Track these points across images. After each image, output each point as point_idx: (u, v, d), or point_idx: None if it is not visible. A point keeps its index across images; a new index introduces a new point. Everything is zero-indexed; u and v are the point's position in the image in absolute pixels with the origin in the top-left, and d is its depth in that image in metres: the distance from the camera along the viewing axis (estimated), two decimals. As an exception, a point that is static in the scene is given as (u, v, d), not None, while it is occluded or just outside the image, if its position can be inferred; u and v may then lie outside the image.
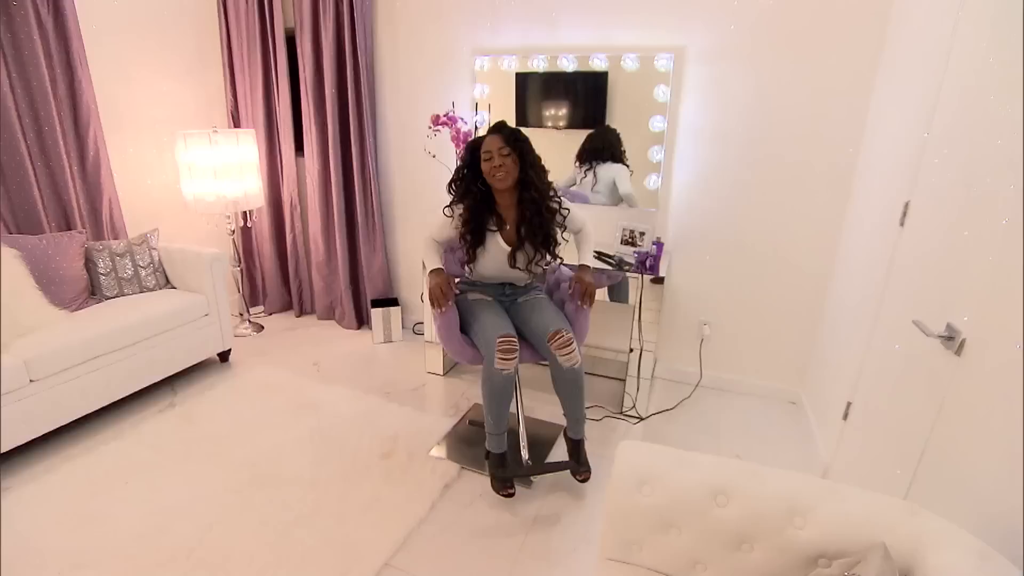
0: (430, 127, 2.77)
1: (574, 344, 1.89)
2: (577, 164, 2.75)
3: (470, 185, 1.92)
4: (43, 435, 2.14)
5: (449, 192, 1.99)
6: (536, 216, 1.89)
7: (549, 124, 2.79)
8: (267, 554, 1.69)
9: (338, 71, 3.10)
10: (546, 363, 1.98)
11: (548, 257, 1.98)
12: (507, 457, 2.01)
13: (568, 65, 2.65)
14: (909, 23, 1.99)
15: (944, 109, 1.56)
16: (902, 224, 1.75)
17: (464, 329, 2.00)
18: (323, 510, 1.87)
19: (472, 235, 1.93)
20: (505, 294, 2.11)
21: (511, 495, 1.93)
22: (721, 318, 2.78)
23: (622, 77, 2.59)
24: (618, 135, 2.67)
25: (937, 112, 1.60)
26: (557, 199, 1.95)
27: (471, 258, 1.98)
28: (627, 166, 2.69)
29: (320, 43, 3.09)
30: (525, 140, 1.88)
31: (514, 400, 2.10)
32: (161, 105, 3.12)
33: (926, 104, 1.68)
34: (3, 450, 2.00)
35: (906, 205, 1.73)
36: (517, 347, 1.87)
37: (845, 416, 2.00)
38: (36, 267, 2.40)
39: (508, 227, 1.95)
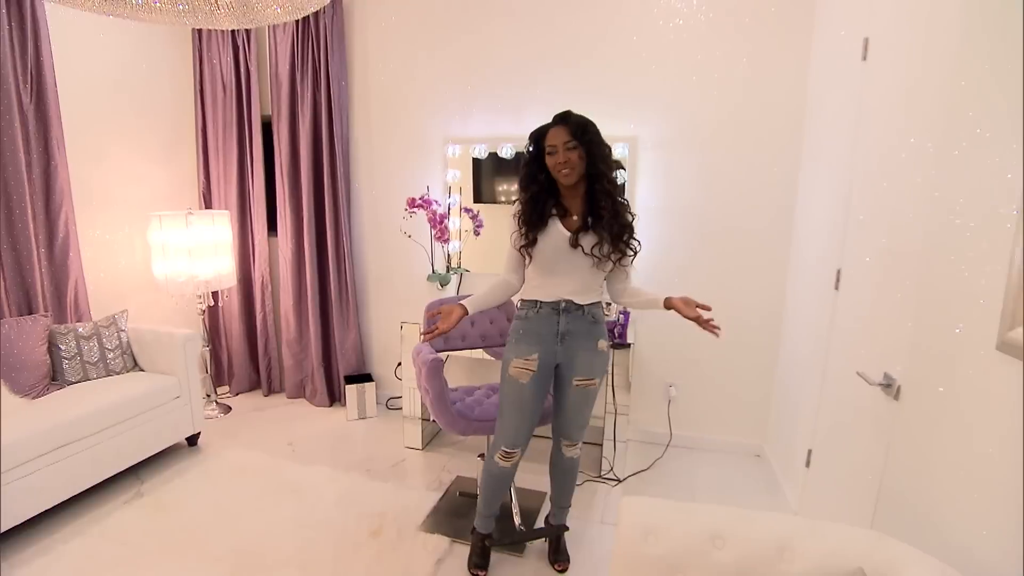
0: (406, 209, 2.94)
1: (579, 444, 1.95)
2: None
3: (536, 175, 1.77)
4: (-6, 537, 1.99)
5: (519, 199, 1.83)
6: (611, 207, 1.72)
7: (503, 199, 3.09)
8: (258, 647, 1.62)
9: (314, 155, 3.27)
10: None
11: (623, 250, 1.78)
12: (492, 536, 2.00)
13: (534, 152, 2.93)
14: (822, 116, 2.38)
15: (859, 189, 1.88)
16: (837, 288, 2.02)
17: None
18: (315, 595, 1.83)
19: (532, 218, 1.76)
20: (557, 328, 1.80)
21: None
22: (686, 379, 2.97)
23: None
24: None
25: (853, 192, 1.92)
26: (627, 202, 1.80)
27: (530, 241, 1.77)
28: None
29: (297, 129, 3.27)
30: (595, 132, 1.73)
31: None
32: (133, 186, 3.16)
33: (843, 184, 2.01)
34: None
35: (838, 271, 2.01)
36: (518, 455, 1.88)
37: (808, 463, 2.17)
38: (-3, 354, 2.32)
39: (574, 217, 1.77)
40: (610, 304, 2.78)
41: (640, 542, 1.22)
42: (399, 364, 3.20)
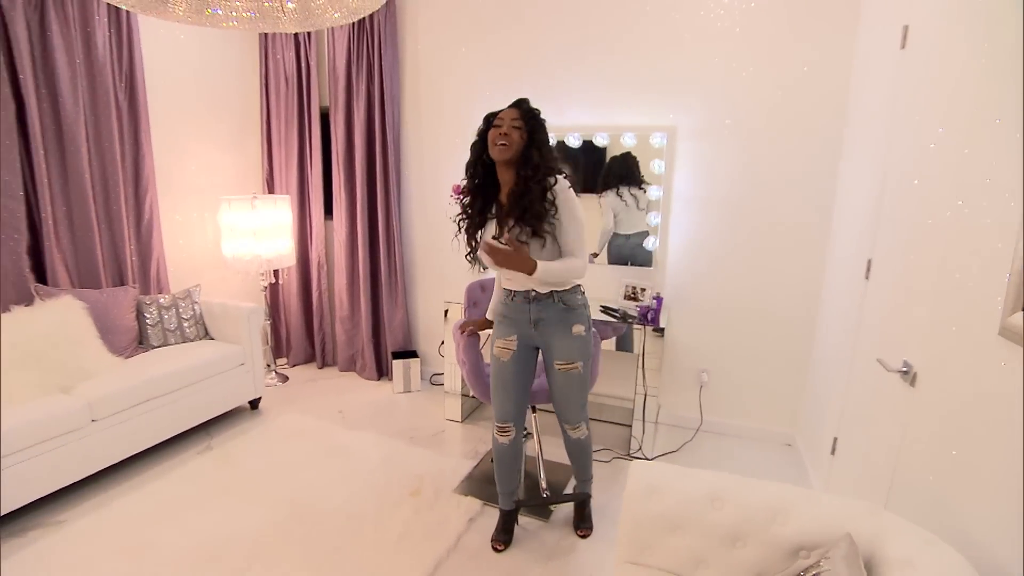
0: (451, 195, 3.10)
1: (581, 426, 2.07)
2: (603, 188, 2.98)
3: (478, 160, 1.87)
4: (96, 473, 2.32)
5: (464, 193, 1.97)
6: (525, 191, 1.77)
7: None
8: (309, 579, 1.85)
9: (367, 145, 3.49)
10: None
11: (542, 232, 1.78)
12: (514, 515, 2.11)
13: (574, 142, 3.03)
14: (863, 105, 2.36)
15: (892, 177, 1.88)
16: (867, 277, 2.03)
17: None
18: (360, 540, 2.04)
19: (470, 227, 1.91)
20: (529, 315, 1.90)
21: (499, 551, 2.04)
22: (718, 366, 3.01)
23: (621, 152, 2.95)
24: (636, 160, 2.93)
25: (887, 180, 1.92)
26: (553, 179, 1.80)
27: (472, 248, 1.92)
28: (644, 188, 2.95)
29: (352, 120, 3.50)
30: (542, 126, 1.83)
31: (534, 438, 2.31)
32: (206, 173, 3.48)
33: (878, 174, 2.01)
34: (66, 484, 2.21)
35: (869, 261, 2.02)
36: (513, 431, 2.01)
37: (833, 451, 2.20)
38: (96, 318, 2.66)
39: (505, 209, 1.85)
40: (644, 290, 2.86)
41: (645, 500, 1.34)
42: (442, 343, 3.39)
